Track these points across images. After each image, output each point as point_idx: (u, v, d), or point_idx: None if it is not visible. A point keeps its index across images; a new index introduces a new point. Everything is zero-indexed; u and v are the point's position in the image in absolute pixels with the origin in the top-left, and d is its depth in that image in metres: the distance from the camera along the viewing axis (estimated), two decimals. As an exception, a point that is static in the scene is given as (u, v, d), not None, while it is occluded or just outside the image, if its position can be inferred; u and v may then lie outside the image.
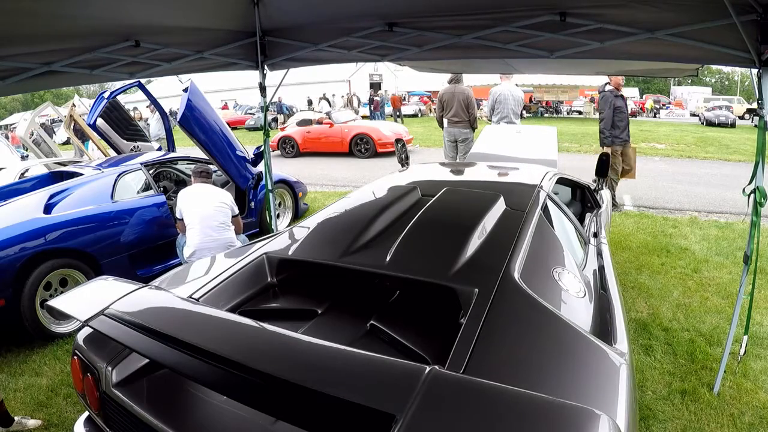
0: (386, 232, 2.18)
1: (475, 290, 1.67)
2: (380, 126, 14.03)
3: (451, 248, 1.94)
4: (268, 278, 2.16)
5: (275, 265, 2.18)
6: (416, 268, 1.88)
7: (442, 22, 3.42)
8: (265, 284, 2.15)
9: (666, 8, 2.65)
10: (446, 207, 2.39)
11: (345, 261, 2.00)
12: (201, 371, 1.22)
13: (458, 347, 1.41)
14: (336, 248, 2.08)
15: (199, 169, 4.01)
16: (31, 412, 2.72)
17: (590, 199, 3.75)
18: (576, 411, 1.00)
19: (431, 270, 1.86)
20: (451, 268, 1.82)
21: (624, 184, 7.33)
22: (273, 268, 2.18)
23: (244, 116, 25.77)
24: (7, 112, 35.55)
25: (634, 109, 28.90)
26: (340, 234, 2.22)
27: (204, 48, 3.91)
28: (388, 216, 2.32)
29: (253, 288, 2.10)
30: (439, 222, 2.24)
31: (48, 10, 2.73)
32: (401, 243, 2.02)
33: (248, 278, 2.11)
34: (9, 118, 21.08)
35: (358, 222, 2.28)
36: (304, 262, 2.15)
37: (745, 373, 2.89)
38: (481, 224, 2.09)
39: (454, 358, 1.37)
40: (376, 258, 1.97)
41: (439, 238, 2.08)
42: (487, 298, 1.61)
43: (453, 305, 1.72)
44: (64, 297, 1.73)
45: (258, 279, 2.14)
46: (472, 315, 1.54)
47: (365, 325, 1.78)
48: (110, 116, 6.36)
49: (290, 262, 2.18)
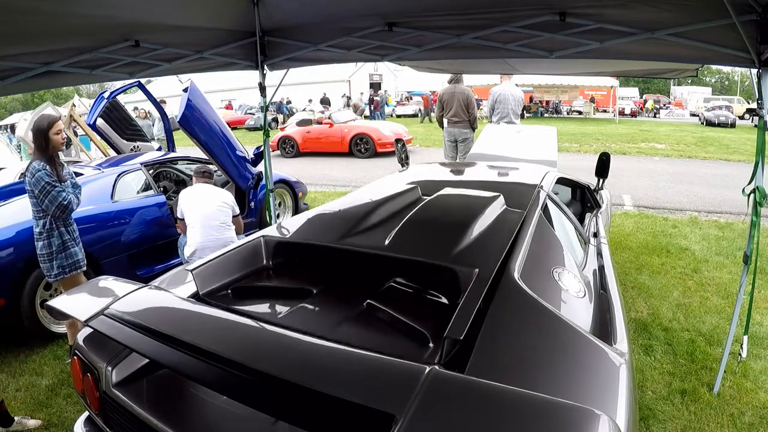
0: (385, 222, 2.18)
1: (474, 270, 1.67)
2: (380, 126, 14.04)
3: (451, 239, 1.94)
4: (264, 261, 2.15)
5: (272, 247, 2.17)
6: (415, 252, 1.88)
7: (442, 21, 3.42)
8: (260, 266, 2.13)
9: (666, 8, 2.65)
10: (446, 203, 2.39)
11: (343, 243, 2.00)
12: (201, 371, 1.22)
13: (456, 320, 1.40)
14: (334, 234, 2.09)
15: (200, 169, 4.02)
16: (31, 412, 2.72)
17: (590, 199, 3.75)
18: (576, 411, 1.00)
19: (431, 253, 1.86)
20: (450, 252, 1.82)
21: (624, 184, 7.35)
22: (270, 250, 2.16)
23: (244, 116, 25.76)
24: (7, 112, 35.54)
25: (634, 109, 28.94)
26: (339, 221, 2.22)
27: (204, 48, 3.91)
28: (388, 208, 2.32)
29: (248, 268, 2.08)
30: (438, 216, 2.24)
31: (48, 9, 2.73)
32: (400, 230, 2.02)
33: (244, 258, 2.10)
34: (9, 118, 21.05)
35: (357, 213, 2.28)
36: (301, 245, 2.14)
37: (745, 373, 2.89)
38: (480, 218, 2.09)
39: (453, 326, 1.36)
40: (375, 242, 1.98)
41: (438, 229, 2.09)
42: (486, 277, 1.60)
43: (452, 286, 1.72)
44: (64, 297, 1.73)
45: (254, 260, 2.12)
46: (471, 292, 1.55)
47: (362, 304, 1.75)
48: (110, 116, 6.35)
49: (288, 244, 2.17)
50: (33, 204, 2.92)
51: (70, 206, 2.93)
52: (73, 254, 3.01)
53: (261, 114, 4.47)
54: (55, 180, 2.85)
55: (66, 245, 2.97)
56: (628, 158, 11.72)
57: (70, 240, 3.00)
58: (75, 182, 3.06)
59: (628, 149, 13.08)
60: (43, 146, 2.87)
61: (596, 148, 12.70)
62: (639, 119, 26.31)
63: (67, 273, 2.98)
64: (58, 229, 2.94)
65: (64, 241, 2.97)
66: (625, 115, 27.14)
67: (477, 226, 2.02)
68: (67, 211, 2.94)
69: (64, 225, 2.98)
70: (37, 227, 2.95)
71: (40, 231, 2.94)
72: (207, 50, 3.93)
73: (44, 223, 2.92)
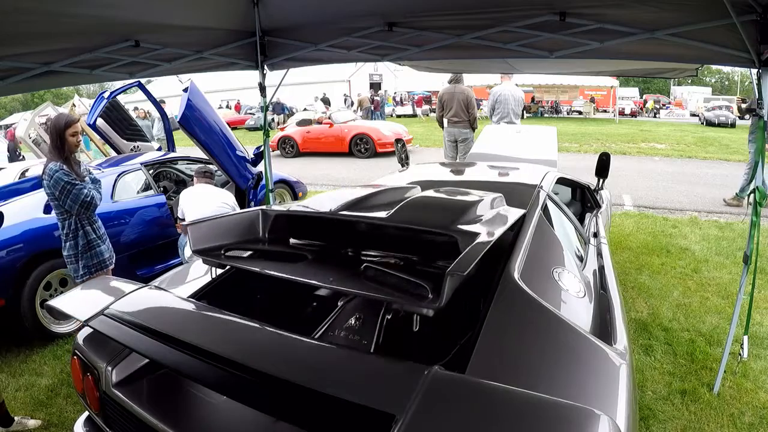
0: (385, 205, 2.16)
1: (476, 234, 1.65)
2: (380, 126, 14.04)
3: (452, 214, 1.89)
4: (261, 230, 2.10)
5: (271, 217, 2.13)
6: (414, 222, 1.85)
7: (442, 21, 3.42)
8: (257, 234, 2.10)
9: (666, 8, 2.65)
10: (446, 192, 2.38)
11: (340, 216, 1.97)
12: (201, 371, 1.22)
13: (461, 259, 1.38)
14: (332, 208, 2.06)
15: (202, 169, 4.02)
16: (31, 412, 2.72)
17: (590, 199, 3.75)
18: (576, 411, 1.00)
19: (430, 223, 1.82)
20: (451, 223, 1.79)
21: (624, 183, 7.35)
22: (268, 220, 2.12)
23: (244, 116, 25.76)
24: (7, 112, 35.56)
25: (634, 109, 28.93)
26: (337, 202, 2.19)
27: (204, 48, 3.91)
28: (388, 196, 2.31)
29: (245, 232, 2.05)
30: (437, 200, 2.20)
31: (48, 9, 2.73)
32: (400, 208, 1.98)
33: (242, 223, 2.07)
34: (9, 118, 21.06)
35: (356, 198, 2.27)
36: (299, 215, 2.11)
37: (745, 373, 2.89)
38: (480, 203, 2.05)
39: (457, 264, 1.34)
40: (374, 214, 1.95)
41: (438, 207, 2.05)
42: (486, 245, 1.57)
43: (451, 252, 1.69)
44: (64, 297, 1.73)
45: (252, 227, 2.09)
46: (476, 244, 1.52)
47: (360, 264, 1.73)
48: (110, 116, 6.35)
49: (286, 216, 2.14)
50: (55, 207, 2.88)
51: (94, 202, 2.89)
52: (99, 253, 3.00)
53: (261, 114, 4.47)
54: (74, 178, 2.81)
55: (91, 245, 2.96)
56: (628, 158, 11.72)
57: (95, 239, 2.99)
58: (94, 177, 3.02)
59: (628, 149, 13.07)
60: (58, 146, 2.82)
61: (596, 148, 12.70)
62: (639, 119, 26.29)
63: (92, 273, 2.97)
64: (83, 228, 2.93)
65: (89, 241, 2.95)
66: (625, 115, 27.13)
67: (477, 207, 2.00)
68: (92, 207, 2.91)
69: (90, 223, 2.96)
70: (63, 228, 2.93)
71: (66, 232, 2.92)
72: (207, 50, 3.93)
73: (69, 224, 2.90)
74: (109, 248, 3.09)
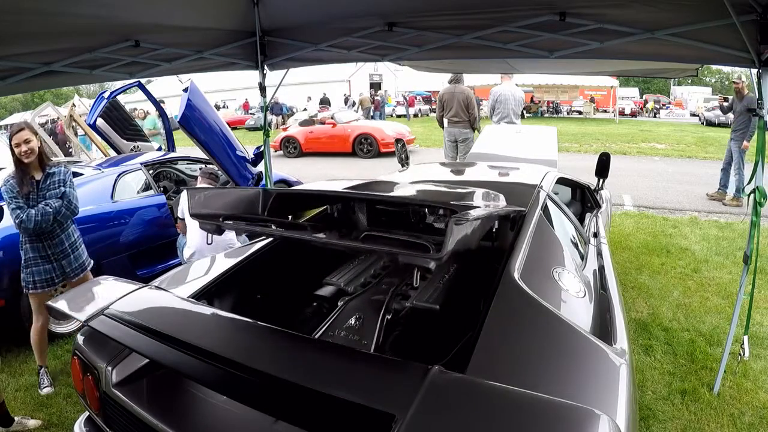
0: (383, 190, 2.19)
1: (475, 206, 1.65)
2: (383, 126, 14.04)
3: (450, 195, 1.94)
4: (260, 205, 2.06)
5: (272, 195, 2.09)
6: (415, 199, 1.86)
7: (442, 21, 3.42)
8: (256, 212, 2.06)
9: (666, 8, 2.65)
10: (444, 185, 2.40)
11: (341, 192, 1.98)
12: (201, 371, 1.22)
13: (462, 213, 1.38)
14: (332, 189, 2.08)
15: (207, 171, 4.03)
16: (31, 412, 2.72)
17: (590, 199, 3.75)
18: (576, 411, 1.00)
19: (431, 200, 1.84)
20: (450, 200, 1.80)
21: (624, 183, 7.35)
22: (268, 198, 2.08)
23: (244, 116, 25.77)
24: (7, 112, 35.52)
25: (634, 109, 28.92)
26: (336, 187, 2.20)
27: (204, 48, 3.91)
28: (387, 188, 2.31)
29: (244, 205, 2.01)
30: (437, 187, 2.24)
31: (48, 9, 2.73)
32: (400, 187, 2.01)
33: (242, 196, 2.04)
34: (9, 118, 21.06)
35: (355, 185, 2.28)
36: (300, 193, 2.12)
37: (745, 373, 2.89)
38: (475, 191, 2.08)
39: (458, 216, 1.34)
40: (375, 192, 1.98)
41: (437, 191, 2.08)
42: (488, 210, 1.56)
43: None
44: (64, 297, 1.73)
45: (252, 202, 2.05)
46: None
47: (359, 235, 1.71)
48: (110, 116, 6.36)
49: (287, 194, 2.13)
50: None
51: (25, 226, 2.64)
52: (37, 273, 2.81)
53: (261, 114, 4.47)
54: (13, 196, 2.64)
55: (27, 263, 2.79)
56: (628, 158, 11.72)
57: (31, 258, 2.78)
58: (65, 191, 2.75)
59: (628, 149, 13.07)
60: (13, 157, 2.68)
61: (596, 148, 12.69)
62: (639, 119, 26.29)
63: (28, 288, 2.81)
64: (23, 245, 2.78)
65: (26, 259, 2.79)
66: (625, 115, 27.12)
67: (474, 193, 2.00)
68: (22, 229, 2.68)
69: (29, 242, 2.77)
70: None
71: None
72: (207, 50, 3.93)
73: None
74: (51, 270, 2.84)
